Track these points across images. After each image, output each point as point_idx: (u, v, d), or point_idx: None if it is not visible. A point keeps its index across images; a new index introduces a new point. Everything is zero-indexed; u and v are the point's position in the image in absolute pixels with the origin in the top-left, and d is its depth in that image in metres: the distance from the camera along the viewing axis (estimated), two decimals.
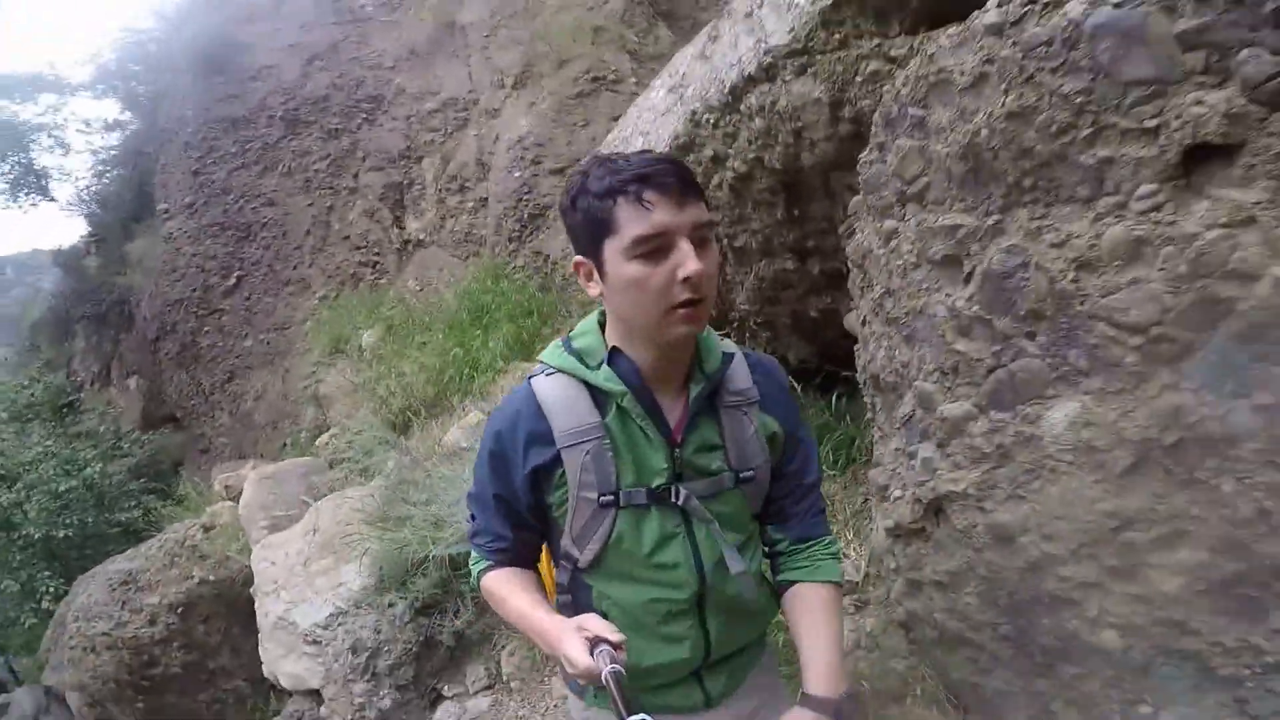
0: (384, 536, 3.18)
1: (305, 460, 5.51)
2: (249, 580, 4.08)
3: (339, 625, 3.12)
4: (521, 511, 1.15)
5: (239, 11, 11.85)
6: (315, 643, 3.18)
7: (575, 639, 0.99)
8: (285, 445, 8.33)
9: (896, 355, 1.59)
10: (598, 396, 1.10)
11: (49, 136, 13.75)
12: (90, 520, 9.82)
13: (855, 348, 1.82)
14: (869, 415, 1.87)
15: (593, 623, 1.01)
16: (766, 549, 1.26)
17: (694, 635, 1.17)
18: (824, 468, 2.32)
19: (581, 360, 1.11)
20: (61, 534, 9.58)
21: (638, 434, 1.10)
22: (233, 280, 10.80)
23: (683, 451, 1.11)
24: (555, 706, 2.30)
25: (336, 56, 10.84)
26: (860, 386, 1.86)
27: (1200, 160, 1.09)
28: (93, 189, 14.52)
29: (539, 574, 1.24)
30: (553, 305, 6.09)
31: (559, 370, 1.12)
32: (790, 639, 1.23)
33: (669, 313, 1.02)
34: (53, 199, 13.89)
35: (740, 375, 1.16)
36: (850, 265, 1.77)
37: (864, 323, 1.72)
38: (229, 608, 4.27)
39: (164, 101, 12.30)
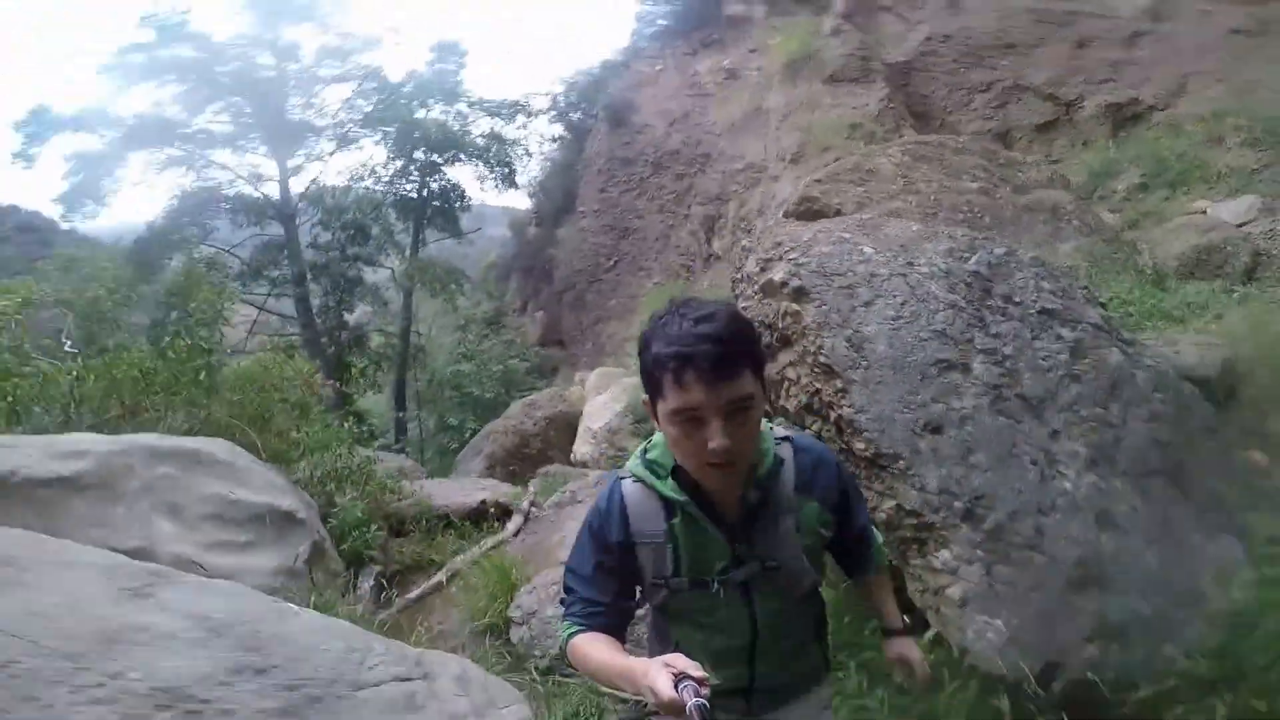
0: (631, 397, 8.20)
1: (623, 371, 10.93)
2: (579, 415, 9.55)
3: (605, 429, 8.33)
4: (618, 574, 1.43)
5: (636, 77, 17.80)
6: (594, 437, 8.42)
7: (662, 673, 1.09)
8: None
9: None
10: (667, 502, 1.37)
11: (519, 146, 20.76)
12: (503, 392, 16.82)
13: None
14: None
15: (679, 660, 1.11)
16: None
17: (740, 668, 1.47)
18: None
19: (653, 470, 1.39)
20: (487, 396, 16.59)
21: (701, 534, 1.37)
22: (611, 263, 17.01)
23: (739, 546, 1.38)
24: None
25: (687, 122, 16.17)
26: None
27: None
28: (538, 180, 21.76)
29: (622, 640, 1.41)
30: None
31: (637, 478, 1.42)
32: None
33: (702, 467, 1.28)
34: (516, 186, 21.07)
35: (788, 479, 1.41)
36: None
37: None
38: (568, 426, 9.81)
39: (588, 137, 18.83)
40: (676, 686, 1.06)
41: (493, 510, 6.06)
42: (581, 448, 8.83)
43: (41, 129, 14.63)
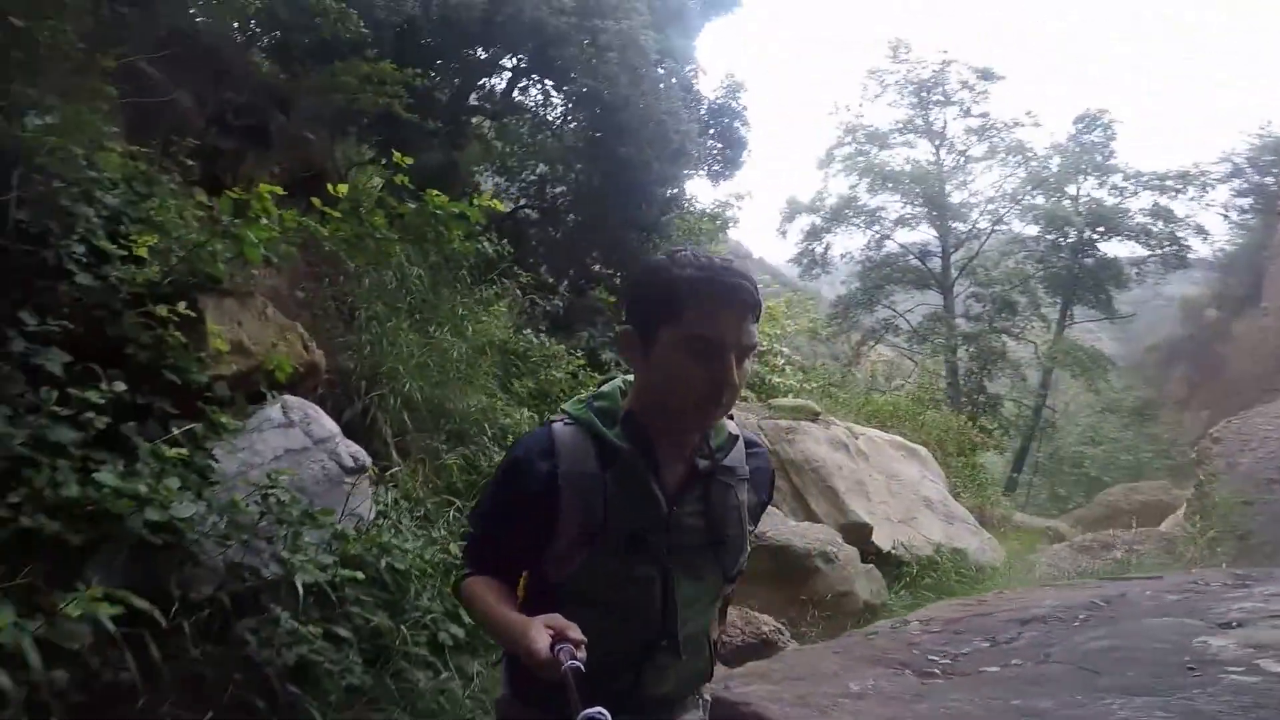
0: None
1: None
2: (1175, 507, 10.98)
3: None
4: (516, 529, 1.37)
5: None
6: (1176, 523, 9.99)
7: (541, 633, 1.15)
8: None
9: None
10: (606, 452, 1.34)
11: (1189, 222, 19.51)
12: (1123, 477, 17.69)
13: None
14: None
15: (557, 620, 1.18)
16: None
17: (628, 674, 1.37)
18: None
19: (600, 419, 1.37)
20: (1105, 480, 17.75)
21: (636, 491, 1.34)
22: None
23: (676, 512, 1.35)
24: None
25: None
26: None
27: None
28: (1219, 257, 20.75)
29: (515, 590, 1.42)
30: None
31: (578, 422, 1.38)
32: None
33: (696, 406, 1.28)
34: (1185, 265, 19.84)
35: (737, 456, 1.44)
36: None
37: None
38: (1159, 513, 11.15)
39: None
40: (553, 648, 1.11)
41: None
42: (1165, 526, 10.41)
43: (791, 211, 22.37)
